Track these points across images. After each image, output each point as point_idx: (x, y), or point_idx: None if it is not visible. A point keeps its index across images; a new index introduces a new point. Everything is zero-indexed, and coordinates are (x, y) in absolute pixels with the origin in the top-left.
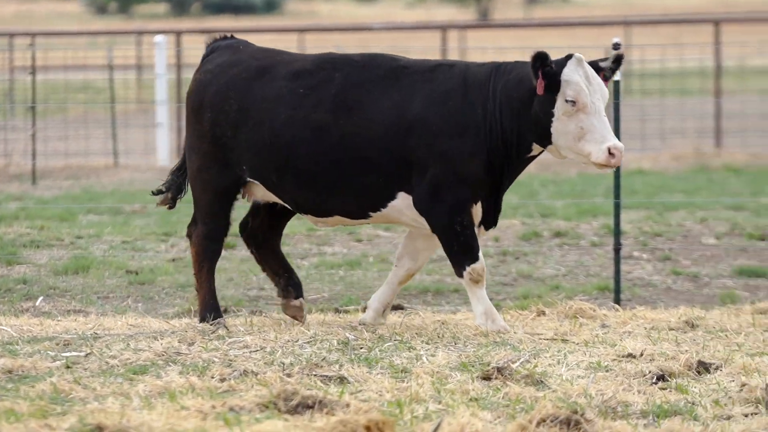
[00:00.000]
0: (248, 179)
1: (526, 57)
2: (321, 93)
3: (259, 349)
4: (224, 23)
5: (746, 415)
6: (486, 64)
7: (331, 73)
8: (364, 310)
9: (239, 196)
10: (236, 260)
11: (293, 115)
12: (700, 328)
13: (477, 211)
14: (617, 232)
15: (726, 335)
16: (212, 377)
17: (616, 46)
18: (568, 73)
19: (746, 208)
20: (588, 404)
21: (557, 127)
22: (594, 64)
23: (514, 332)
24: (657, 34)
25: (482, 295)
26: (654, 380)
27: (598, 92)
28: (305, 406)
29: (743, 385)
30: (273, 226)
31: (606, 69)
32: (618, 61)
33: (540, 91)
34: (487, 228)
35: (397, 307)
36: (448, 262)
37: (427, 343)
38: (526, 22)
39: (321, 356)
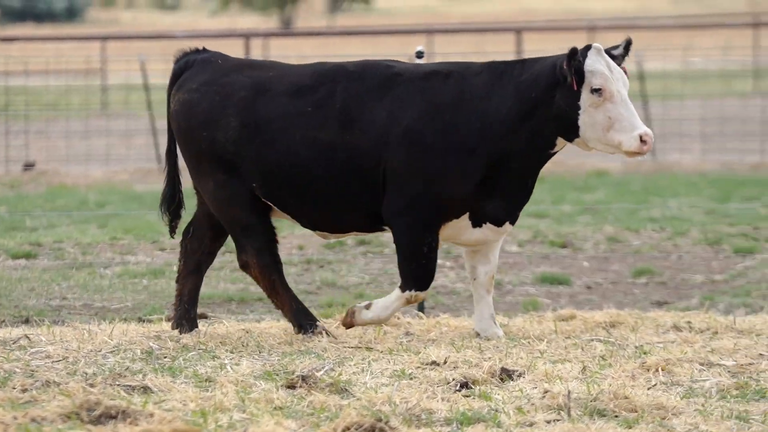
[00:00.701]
0: (264, 200)
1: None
2: (326, 109)
3: (61, 359)
4: (25, 30)
5: (549, 422)
6: (481, 71)
7: (332, 87)
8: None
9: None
10: (38, 270)
11: (305, 136)
12: (503, 335)
13: (462, 222)
14: None
15: (528, 342)
16: (14, 388)
17: (419, 54)
18: (591, 63)
19: (548, 215)
20: (392, 412)
21: (584, 119)
22: (608, 53)
23: (319, 340)
24: (459, 42)
25: (396, 309)
26: (457, 387)
27: (620, 80)
28: (108, 416)
29: (546, 391)
30: (212, 248)
31: (619, 57)
32: (628, 47)
33: (574, 86)
34: (500, 225)
35: (201, 316)
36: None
37: (232, 352)
38: (329, 30)
39: (124, 366)
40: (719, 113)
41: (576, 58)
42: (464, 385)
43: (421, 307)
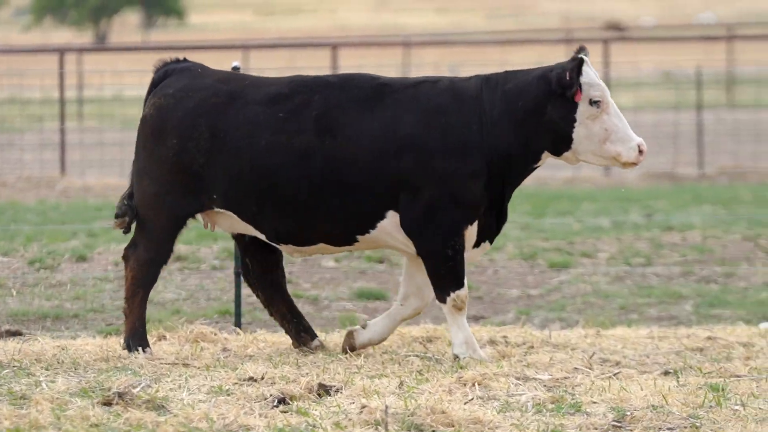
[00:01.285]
0: (217, 209)
1: (145, 81)
2: (302, 116)
3: None
4: None
5: None
6: (470, 78)
7: (309, 96)
8: (363, 326)
9: (204, 226)
10: None
11: (274, 141)
12: (321, 351)
13: (472, 231)
14: (237, 256)
15: (346, 357)
16: None
17: (235, 69)
18: (587, 74)
19: None
20: (209, 428)
21: (580, 131)
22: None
23: (135, 357)
24: (275, 57)
25: (463, 323)
26: (275, 403)
27: (608, 91)
28: None
29: (363, 407)
30: (273, 263)
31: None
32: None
33: (578, 98)
34: (491, 241)
35: (15, 333)
36: (67, 287)
37: (47, 369)
38: (144, 45)
39: None
40: None
41: (580, 69)
42: (282, 400)
43: (238, 323)
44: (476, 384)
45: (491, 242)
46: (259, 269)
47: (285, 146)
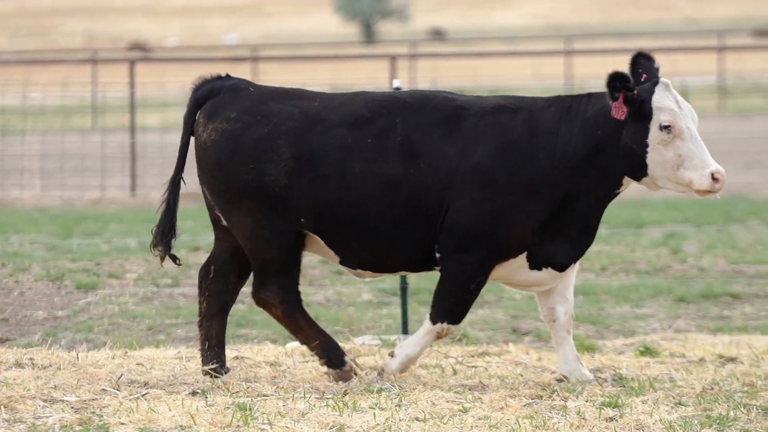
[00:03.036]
0: (307, 232)
1: None
2: (388, 142)
3: None
4: None
5: None
6: (550, 104)
7: (392, 119)
8: (563, 379)
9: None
10: None
11: (366, 169)
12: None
13: (518, 262)
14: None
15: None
16: None
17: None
18: (659, 98)
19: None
20: None
21: (653, 157)
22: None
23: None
24: None
25: (426, 345)
26: None
27: (689, 116)
28: None
29: None
30: (236, 285)
31: None
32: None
33: (619, 114)
34: (561, 270)
35: None
36: None
37: None
38: None
39: None
40: (59, 149)
41: (629, 87)
42: None
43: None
44: (2, 407)
45: (560, 271)
46: (218, 285)
47: (377, 174)
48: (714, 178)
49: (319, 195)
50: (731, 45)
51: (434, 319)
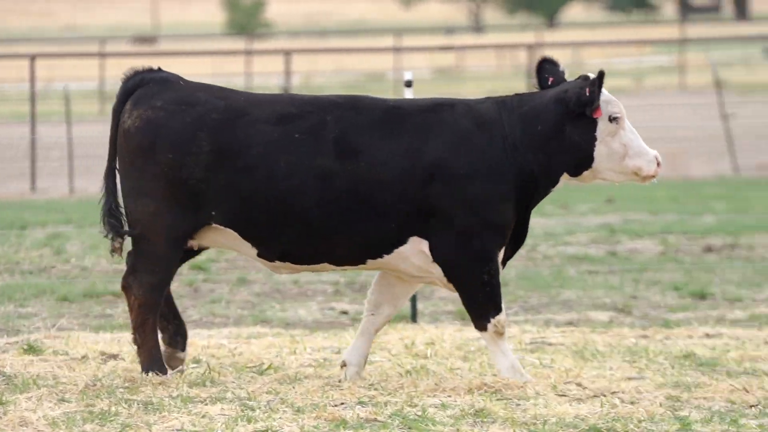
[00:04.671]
0: (214, 224)
1: None
2: (319, 138)
3: None
4: None
5: None
6: (484, 100)
7: (322, 116)
8: (342, 366)
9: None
10: None
11: (295, 162)
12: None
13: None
14: None
15: None
16: None
17: None
18: (603, 91)
19: None
20: None
21: (601, 150)
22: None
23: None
24: None
25: (506, 348)
26: None
27: (622, 106)
28: None
29: None
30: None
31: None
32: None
33: (598, 114)
34: (503, 265)
35: None
36: None
37: None
38: None
39: None
40: None
41: (601, 84)
42: None
43: None
44: None
45: (504, 264)
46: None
47: (306, 168)
48: (657, 163)
49: (241, 188)
50: (111, 52)
51: (482, 325)
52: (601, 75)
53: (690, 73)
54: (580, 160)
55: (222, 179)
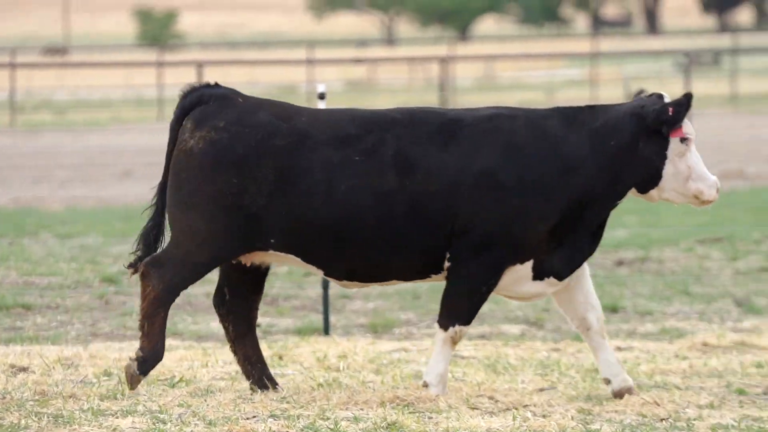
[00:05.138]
0: (272, 251)
1: None
2: (378, 157)
3: None
4: None
5: None
6: (546, 111)
7: (382, 135)
8: (607, 383)
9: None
10: None
11: (354, 185)
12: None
13: (523, 271)
14: None
15: None
16: None
17: None
18: None
19: None
20: None
21: (669, 169)
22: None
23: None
24: None
25: (448, 357)
26: None
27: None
28: None
29: None
30: (253, 302)
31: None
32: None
33: (677, 134)
34: (560, 278)
35: None
36: None
37: None
38: None
39: None
40: None
41: (689, 107)
42: None
43: None
44: None
45: (560, 279)
46: (238, 304)
47: (366, 189)
48: (716, 189)
49: (301, 214)
50: (22, 62)
51: (445, 325)
52: (689, 97)
53: (602, 87)
54: (650, 177)
55: (284, 207)
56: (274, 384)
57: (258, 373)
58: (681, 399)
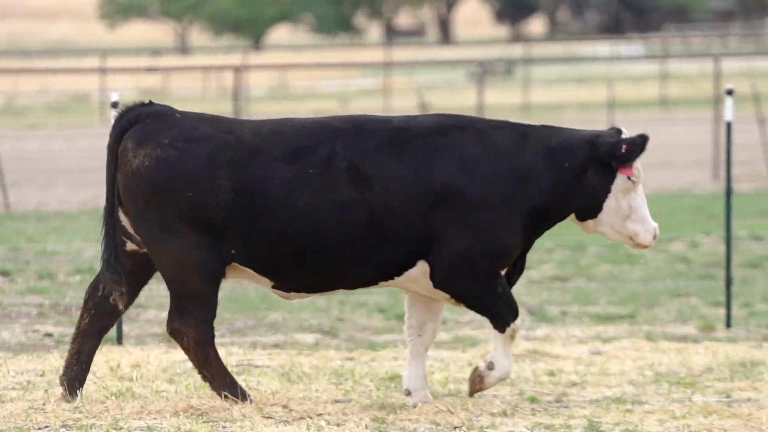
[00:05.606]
0: (234, 263)
1: None
2: (332, 170)
3: None
4: None
5: None
6: (502, 126)
7: (331, 146)
8: (407, 395)
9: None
10: None
11: (312, 200)
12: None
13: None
14: None
15: None
16: None
17: None
18: None
19: None
20: None
21: (610, 203)
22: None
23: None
24: None
25: (510, 352)
26: None
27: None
28: None
29: None
30: (119, 312)
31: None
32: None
33: (631, 173)
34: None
35: None
36: None
37: None
38: None
39: None
40: None
41: (645, 147)
42: None
43: None
44: None
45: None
46: (106, 306)
47: (325, 203)
48: (654, 236)
49: (262, 229)
50: None
51: (501, 329)
52: (645, 139)
53: (395, 97)
54: (590, 206)
55: (244, 219)
56: (77, 392)
57: (75, 374)
58: (474, 407)
